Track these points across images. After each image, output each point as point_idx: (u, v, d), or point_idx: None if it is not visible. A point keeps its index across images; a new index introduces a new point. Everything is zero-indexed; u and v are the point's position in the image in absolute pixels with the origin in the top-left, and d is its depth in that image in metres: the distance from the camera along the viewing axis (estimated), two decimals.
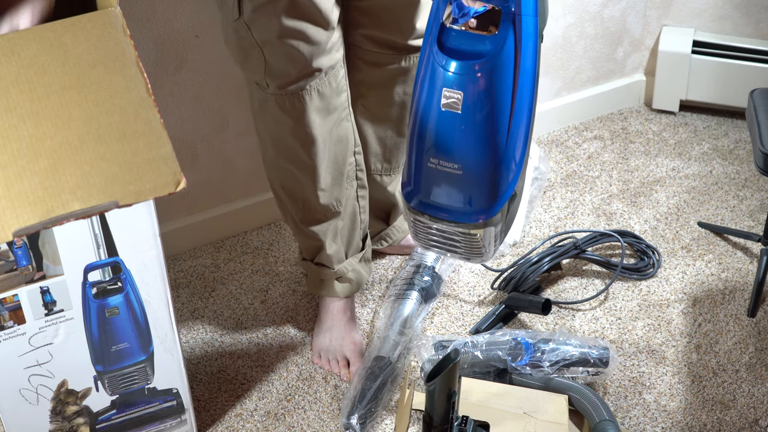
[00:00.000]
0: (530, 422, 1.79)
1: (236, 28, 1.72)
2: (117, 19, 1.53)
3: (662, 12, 2.63)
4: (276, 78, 1.74)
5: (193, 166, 2.23)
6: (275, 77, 1.74)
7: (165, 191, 1.45)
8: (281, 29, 1.67)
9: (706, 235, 2.33)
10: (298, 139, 1.81)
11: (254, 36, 1.70)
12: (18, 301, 1.53)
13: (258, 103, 1.82)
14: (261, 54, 1.72)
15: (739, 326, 2.10)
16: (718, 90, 2.65)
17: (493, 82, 1.40)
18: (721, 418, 1.92)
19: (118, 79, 1.49)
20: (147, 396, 1.75)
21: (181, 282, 2.25)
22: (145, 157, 1.45)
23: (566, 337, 1.94)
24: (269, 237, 2.35)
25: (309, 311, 2.17)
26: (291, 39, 1.69)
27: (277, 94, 1.76)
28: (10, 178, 1.41)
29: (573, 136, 2.66)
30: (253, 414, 1.96)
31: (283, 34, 1.68)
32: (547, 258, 2.18)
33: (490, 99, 1.40)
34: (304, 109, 1.77)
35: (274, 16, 1.66)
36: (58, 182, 1.41)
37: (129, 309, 1.63)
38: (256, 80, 1.77)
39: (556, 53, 2.56)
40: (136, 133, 1.46)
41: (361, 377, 1.94)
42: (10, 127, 1.44)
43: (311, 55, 1.71)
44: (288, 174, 1.88)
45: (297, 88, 1.75)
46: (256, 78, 1.77)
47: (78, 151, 1.44)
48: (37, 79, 1.48)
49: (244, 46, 1.73)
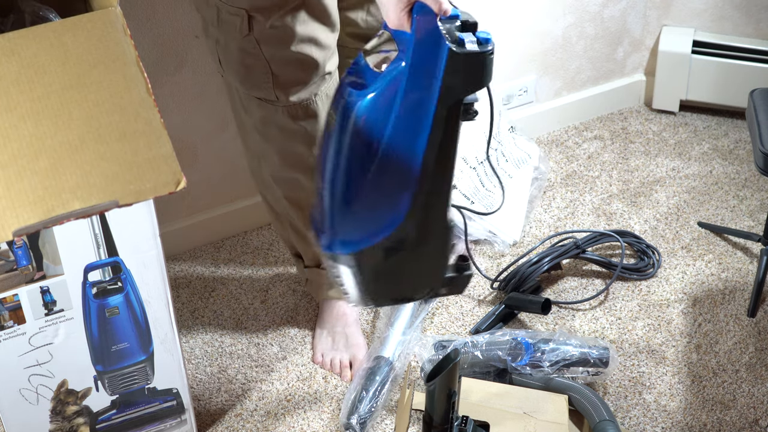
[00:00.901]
0: (530, 422, 1.79)
1: (242, 46, 1.70)
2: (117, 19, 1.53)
3: (662, 12, 2.63)
4: (286, 88, 1.73)
5: (193, 166, 2.23)
6: (285, 88, 1.73)
7: (165, 191, 1.45)
8: (295, 38, 1.67)
9: (706, 235, 2.33)
10: (309, 145, 1.80)
11: (263, 51, 1.69)
12: (18, 300, 1.53)
13: (260, 118, 1.80)
14: (268, 68, 1.71)
15: (739, 326, 2.10)
16: (718, 90, 2.65)
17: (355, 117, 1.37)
18: (721, 418, 1.91)
19: (118, 79, 1.50)
20: (147, 396, 1.75)
21: (181, 282, 2.24)
22: (145, 157, 1.45)
23: (566, 337, 1.94)
24: (269, 237, 2.35)
25: (309, 311, 2.17)
26: (304, 47, 1.68)
27: (288, 104, 1.75)
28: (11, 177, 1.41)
29: (573, 136, 2.66)
30: (253, 414, 1.96)
31: (297, 42, 1.67)
32: (547, 258, 2.18)
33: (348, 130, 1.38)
34: (317, 114, 1.77)
35: (290, 26, 1.66)
36: (59, 182, 1.41)
37: (129, 309, 1.63)
38: (260, 96, 1.75)
39: (556, 53, 2.56)
40: (136, 133, 1.46)
41: (361, 377, 1.94)
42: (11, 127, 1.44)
43: (324, 59, 1.72)
44: (293, 183, 1.88)
45: (310, 94, 1.74)
46: (261, 93, 1.75)
47: (78, 150, 1.44)
48: (37, 78, 1.48)
49: (248, 63, 1.71)
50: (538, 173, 2.44)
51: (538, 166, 2.45)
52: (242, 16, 1.65)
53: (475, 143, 2.35)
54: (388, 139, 1.36)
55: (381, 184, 1.39)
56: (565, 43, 2.56)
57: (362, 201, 1.41)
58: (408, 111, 1.35)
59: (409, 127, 1.36)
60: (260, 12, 1.64)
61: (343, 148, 1.38)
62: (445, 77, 1.33)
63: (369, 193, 1.40)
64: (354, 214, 1.42)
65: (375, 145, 1.36)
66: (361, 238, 1.44)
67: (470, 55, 1.32)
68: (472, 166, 2.33)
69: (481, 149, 2.36)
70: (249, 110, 1.80)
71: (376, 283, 1.50)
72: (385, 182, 1.39)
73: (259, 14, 1.65)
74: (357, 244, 1.44)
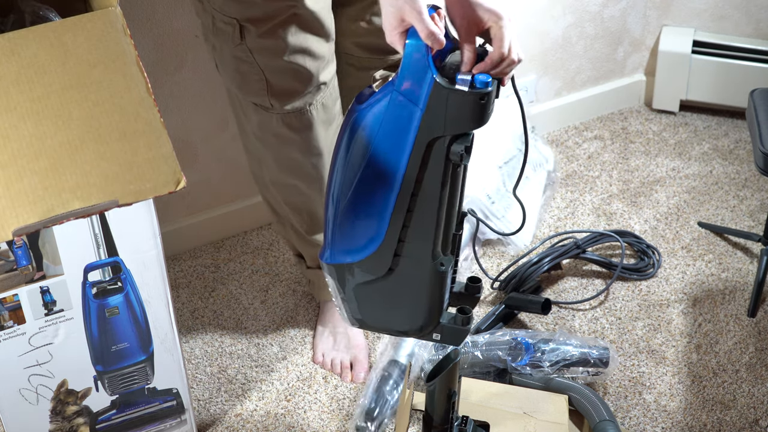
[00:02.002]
0: (530, 422, 1.79)
1: (235, 54, 1.70)
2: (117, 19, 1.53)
3: (662, 12, 2.63)
4: (281, 97, 1.73)
5: (193, 166, 2.23)
6: (280, 96, 1.72)
7: (165, 190, 1.45)
8: (288, 49, 1.66)
9: (706, 235, 2.33)
10: (305, 153, 1.80)
11: (256, 59, 1.69)
12: (18, 300, 1.53)
13: (257, 123, 1.79)
14: (262, 76, 1.70)
15: (739, 326, 2.10)
16: (718, 90, 2.65)
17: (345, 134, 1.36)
18: (721, 418, 1.91)
19: (118, 79, 1.50)
20: (147, 396, 1.75)
21: (181, 282, 2.24)
22: (145, 157, 1.45)
23: (566, 337, 1.94)
24: (269, 237, 2.35)
25: (309, 311, 2.17)
26: (297, 57, 1.68)
27: (283, 112, 1.75)
28: (11, 177, 1.41)
29: (573, 136, 2.66)
30: (253, 414, 1.96)
31: (289, 53, 1.67)
32: (547, 258, 2.18)
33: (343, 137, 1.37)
34: (312, 123, 1.77)
35: (281, 37, 1.65)
36: (59, 181, 1.41)
37: (129, 309, 1.63)
38: (256, 101, 1.75)
39: (556, 53, 2.56)
40: (136, 133, 1.46)
41: (376, 381, 1.92)
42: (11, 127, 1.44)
43: (317, 69, 1.71)
44: (292, 189, 1.88)
45: (304, 104, 1.74)
46: (257, 99, 1.75)
47: (78, 150, 1.44)
48: (37, 78, 1.48)
49: (243, 70, 1.71)
50: (550, 180, 2.44)
51: (552, 171, 2.45)
52: (234, 26, 1.65)
53: (503, 142, 2.35)
54: (370, 158, 1.35)
55: (362, 202, 1.38)
56: (565, 43, 2.56)
57: (347, 214, 1.39)
58: (388, 136, 1.33)
59: (390, 152, 1.34)
60: (251, 22, 1.64)
61: (339, 154, 1.38)
62: (427, 110, 1.29)
63: (353, 207, 1.38)
64: (341, 225, 1.41)
65: (360, 161, 1.35)
66: (343, 252, 1.42)
67: (456, 93, 1.28)
68: (498, 165, 2.33)
69: (509, 149, 2.35)
70: (247, 115, 1.80)
71: (357, 303, 1.48)
72: (365, 202, 1.38)
73: (251, 24, 1.64)
74: (338, 256, 1.43)
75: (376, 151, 1.34)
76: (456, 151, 1.32)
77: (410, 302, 1.45)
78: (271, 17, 1.63)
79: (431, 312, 1.46)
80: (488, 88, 1.29)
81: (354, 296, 1.47)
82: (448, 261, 1.43)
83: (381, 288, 1.44)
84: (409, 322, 1.48)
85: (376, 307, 1.47)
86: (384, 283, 1.43)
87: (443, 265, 1.42)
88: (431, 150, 1.32)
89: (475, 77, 1.28)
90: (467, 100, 1.28)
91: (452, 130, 1.31)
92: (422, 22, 1.27)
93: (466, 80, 1.28)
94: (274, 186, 1.91)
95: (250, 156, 1.92)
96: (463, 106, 1.29)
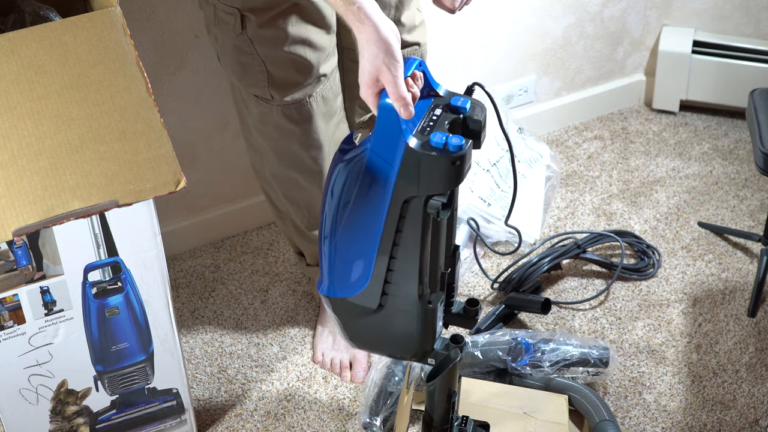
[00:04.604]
0: (530, 422, 1.79)
1: (236, 44, 1.70)
2: (117, 19, 1.53)
3: (662, 12, 2.63)
4: (281, 88, 1.73)
5: (193, 166, 2.23)
6: (280, 87, 1.73)
7: (165, 190, 1.45)
8: (288, 39, 1.67)
9: (706, 235, 2.33)
10: (305, 146, 1.81)
11: (257, 50, 1.69)
12: (18, 300, 1.53)
13: (257, 115, 1.80)
14: (263, 67, 1.71)
15: (739, 326, 2.10)
16: (718, 90, 2.65)
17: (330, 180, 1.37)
18: (721, 418, 1.91)
19: (118, 79, 1.50)
20: (147, 396, 1.75)
21: (181, 282, 2.24)
22: (145, 157, 1.45)
23: (566, 337, 1.94)
24: (269, 237, 2.35)
25: (309, 311, 2.17)
26: (297, 48, 1.69)
27: (283, 104, 1.75)
28: (11, 177, 1.41)
29: (573, 136, 2.66)
30: (253, 414, 1.96)
31: (289, 44, 1.68)
32: (547, 258, 2.18)
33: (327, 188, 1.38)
34: (311, 115, 1.77)
35: (282, 27, 1.66)
36: (59, 181, 1.41)
37: (129, 309, 1.63)
38: (257, 93, 1.76)
39: (556, 53, 2.56)
40: (136, 133, 1.46)
41: (380, 378, 1.93)
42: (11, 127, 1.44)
43: (318, 61, 1.72)
44: (292, 183, 1.88)
45: (304, 95, 1.74)
46: (257, 91, 1.75)
47: (78, 150, 1.44)
48: (37, 78, 1.48)
49: (244, 60, 1.72)
50: (551, 171, 2.44)
51: (550, 164, 2.45)
52: (235, 15, 1.66)
53: (488, 144, 2.35)
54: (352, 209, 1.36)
55: (348, 244, 1.40)
56: (565, 43, 2.56)
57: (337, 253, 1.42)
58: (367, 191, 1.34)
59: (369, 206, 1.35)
60: (252, 12, 1.65)
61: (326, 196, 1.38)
62: (401, 171, 1.30)
63: (341, 247, 1.41)
64: (333, 262, 1.43)
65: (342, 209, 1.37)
66: (337, 286, 1.46)
67: (428, 157, 1.28)
68: (485, 168, 2.33)
69: (492, 152, 2.37)
70: (249, 107, 1.82)
71: (353, 332, 1.52)
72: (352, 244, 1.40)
73: (251, 14, 1.66)
74: (333, 290, 1.46)
75: (356, 203, 1.36)
76: (433, 206, 1.32)
77: (402, 334, 1.48)
78: (272, 6, 1.64)
79: (423, 342, 1.49)
80: (461, 151, 1.28)
81: (350, 325, 1.50)
82: (436, 298, 1.45)
83: (374, 320, 1.47)
84: (403, 350, 1.52)
85: (372, 335, 1.51)
86: (376, 317, 1.46)
87: (431, 303, 1.44)
88: (409, 205, 1.34)
89: (449, 140, 1.28)
90: (440, 164, 1.28)
91: (426, 190, 1.31)
92: (395, 86, 1.28)
93: (439, 143, 1.28)
94: (274, 179, 1.91)
95: (252, 149, 1.92)
96: (435, 169, 1.29)
